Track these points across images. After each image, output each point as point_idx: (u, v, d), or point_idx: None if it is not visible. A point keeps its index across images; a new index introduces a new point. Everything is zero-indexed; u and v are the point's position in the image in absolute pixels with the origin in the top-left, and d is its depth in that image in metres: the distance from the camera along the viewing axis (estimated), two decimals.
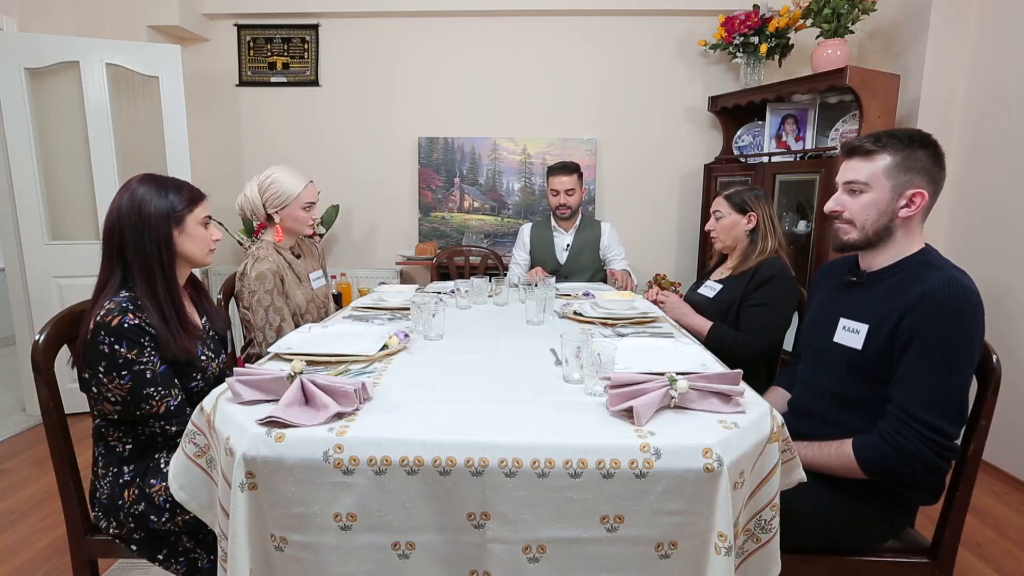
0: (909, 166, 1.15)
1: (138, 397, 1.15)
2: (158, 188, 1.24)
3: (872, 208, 1.18)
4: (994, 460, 2.40)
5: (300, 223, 1.86)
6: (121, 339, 1.12)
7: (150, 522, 1.18)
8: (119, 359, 1.12)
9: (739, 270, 1.83)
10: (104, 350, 1.12)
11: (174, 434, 1.20)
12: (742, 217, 1.83)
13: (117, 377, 1.13)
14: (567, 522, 0.89)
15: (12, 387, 3.29)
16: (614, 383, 1.00)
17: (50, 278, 2.80)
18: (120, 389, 1.14)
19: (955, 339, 1.06)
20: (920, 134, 1.18)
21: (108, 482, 1.21)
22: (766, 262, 1.76)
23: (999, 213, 2.38)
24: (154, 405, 1.16)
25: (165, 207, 1.23)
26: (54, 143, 2.81)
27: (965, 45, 2.55)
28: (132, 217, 1.20)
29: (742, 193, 1.85)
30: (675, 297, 1.93)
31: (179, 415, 1.20)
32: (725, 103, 3.16)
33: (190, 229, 1.27)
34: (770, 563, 1.00)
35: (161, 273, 1.22)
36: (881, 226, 1.18)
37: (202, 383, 1.28)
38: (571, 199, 2.59)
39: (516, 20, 3.40)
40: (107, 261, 1.22)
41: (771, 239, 1.81)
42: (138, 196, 1.21)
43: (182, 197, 1.26)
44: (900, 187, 1.15)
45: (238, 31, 3.44)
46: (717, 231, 1.90)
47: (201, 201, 1.30)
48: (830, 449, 1.16)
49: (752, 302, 1.75)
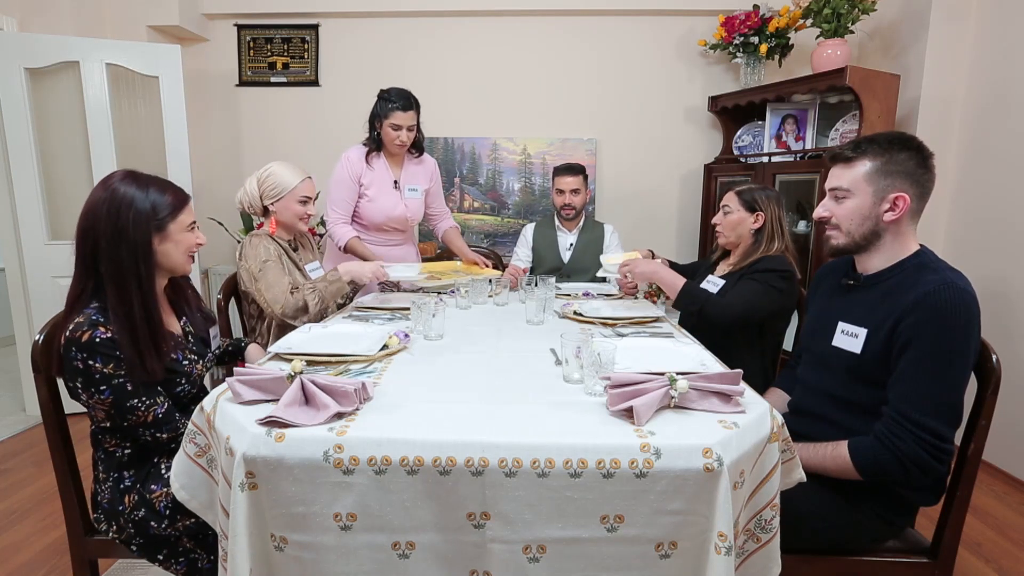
0: (889, 170, 1.16)
1: (123, 410, 1.11)
2: (140, 189, 1.14)
3: (856, 214, 1.19)
4: (994, 460, 2.40)
5: (295, 216, 1.87)
6: (95, 354, 1.06)
7: (150, 528, 1.17)
8: (95, 375, 1.07)
9: (740, 267, 1.81)
10: (79, 366, 1.06)
11: (166, 441, 1.18)
12: (750, 215, 1.82)
13: (97, 392, 1.09)
14: (567, 522, 0.89)
15: (12, 387, 3.29)
16: (614, 383, 1.00)
17: (50, 278, 2.80)
18: (102, 404, 1.10)
19: (951, 342, 1.06)
20: (901, 137, 1.18)
21: (109, 487, 1.20)
22: (771, 256, 1.74)
23: (999, 213, 2.38)
24: (140, 415, 1.13)
25: (146, 212, 1.13)
26: (54, 143, 2.81)
27: (965, 45, 2.55)
28: (109, 224, 1.10)
29: (754, 191, 1.83)
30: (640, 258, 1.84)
31: (168, 422, 1.17)
32: (725, 103, 3.16)
33: (173, 237, 1.18)
34: (770, 563, 1.00)
35: (137, 287, 1.12)
36: (867, 230, 1.19)
37: (188, 386, 1.26)
38: (576, 199, 2.62)
39: (516, 20, 3.40)
40: (80, 267, 1.13)
41: (778, 241, 1.79)
42: (117, 198, 1.12)
43: (165, 202, 1.16)
44: (882, 191, 1.16)
45: (238, 31, 3.44)
46: (723, 226, 1.88)
47: (185, 206, 1.21)
48: (826, 450, 1.16)
49: (749, 277, 1.72)
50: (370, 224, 2.35)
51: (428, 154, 2.48)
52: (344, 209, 2.28)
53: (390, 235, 2.42)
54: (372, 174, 2.29)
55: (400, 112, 2.18)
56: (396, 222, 2.38)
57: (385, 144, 2.27)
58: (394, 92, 2.21)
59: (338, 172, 2.27)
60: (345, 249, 2.27)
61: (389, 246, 2.42)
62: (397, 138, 2.22)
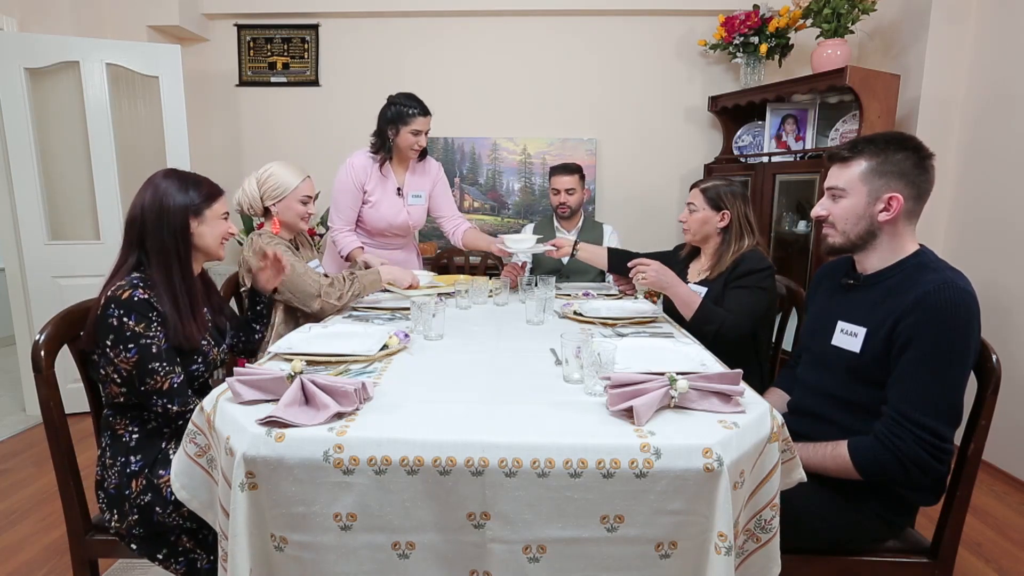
0: (884, 170, 1.16)
1: (143, 372, 1.17)
2: (180, 182, 1.30)
3: (851, 213, 1.20)
4: (994, 460, 2.40)
5: (297, 216, 1.87)
6: (130, 312, 1.16)
7: (155, 514, 1.18)
8: (127, 331, 1.15)
9: (716, 272, 1.80)
10: (113, 323, 1.15)
11: (175, 415, 1.22)
12: (715, 214, 1.81)
13: (124, 351, 1.16)
14: (567, 522, 0.89)
15: (12, 387, 3.29)
16: (614, 383, 1.00)
17: (50, 278, 2.80)
18: (126, 363, 1.16)
19: (951, 341, 1.06)
20: (899, 137, 1.18)
21: (116, 472, 1.21)
22: (746, 255, 1.74)
23: (999, 213, 2.38)
24: (158, 380, 1.18)
25: (184, 200, 1.29)
26: (54, 143, 2.81)
27: (965, 45, 2.55)
28: (153, 209, 1.26)
29: (718, 188, 1.82)
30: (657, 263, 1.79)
31: (180, 394, 1.22)
32: (725, 103, 3.16)
33: (208, 222, 1.32)
34: (770, 563, 1.00)
35: (178, 263, 1.27)
36: (862, 230, 1.20)
37: (203, 367, 1.32)
38: (571, 198, 2.63)
39: (516, 20, 3.40)
40: (126, 248, 1.28)
41: (747, 238, 1.78)
42: (161, 189, 1.27)
43: (201, 192, 1.32)
44: (876, 191, 1.16)
45: (238, 31, 3.44)
46: (689, 223, 1.87)
47: (220, 196, 1.36)
48: (826, 450, 1.16)
49: (737, 284, 1.71)
50: (372, 229, 2.35)
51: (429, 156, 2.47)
52: (348, 216, 2.28)
53: (390, 239, 2.42)
54: (376, 181, 2.29)
55: (421, 117, 2.18)
56: (398, 228, 2.38)
57: (400, 150, 2.25)
58: (408, 97, 2.20)
59: (342, 179, 2.26)
60: (347, 259, 2.27)
61: (390, 250, 2.42)
62: (416, 143, 2.22)
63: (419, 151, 2.27)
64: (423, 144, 2.25)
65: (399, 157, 2.31)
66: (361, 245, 2.29)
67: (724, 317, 1.67)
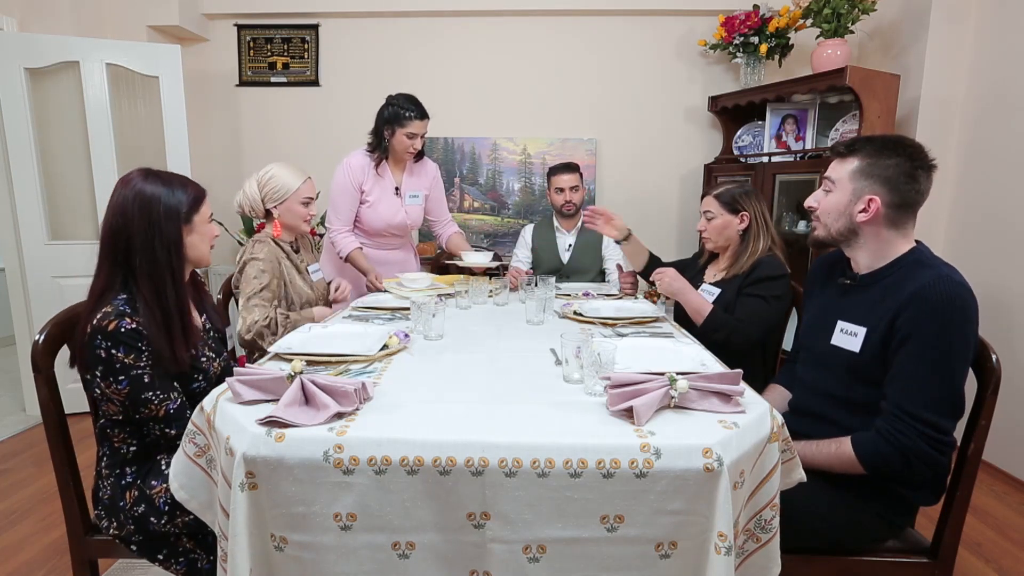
0: (871, 172, 1.17)
1: (137, 401, 1.13)
2: (164, 186, 1.18)
3: (834, 208, 1.22)
4: (994, 460, 2.40)
5: (298, 218, 1.87)
6: (118, 344, 1.10)
7: (150, 524, 1.18)
8: (116, 364, 1.10)
9: (732, 272, 1.80)
10: (101, 355, 1.10)
11: (174, 437, 1.18)
12: (734, 217, 1.80)
13: (115, 382, 1.11)
14: (567, 522, 0.89)
15: (12, 387, 3.29)
16: (614, 383, 1.00)
17: (50, 278, 2.80)
18: (118, 394, 1.12)
19: (949, 335, 1.06)
20: (897, 142, 1.17)
21: (110, 483, 1.21)
22: (763, 261, 1.74)
23: (999, 213, 2.38)
24: (152, 408, 1.15)
25: (175, 207, 1.17)
26: (54, 143, 2.81)
27: (965, 45, 2.55)
28: (142, 220, 1.14)
29: (732, 192, 1.81)
30: (672, 271, 1.81)
31: (179, 418, 1.18)
32: (725, 103, 3.16)
33: (198, 228, 1.23)
34: (770, 563, 1.00)
35: (171, 279, 1.17)
36: (842, 227, 1.21)
37: (204, 383, 1.28)
38: (575, 196, 2.65)
39: (516, 20, 3.40)
40: (109, 264, 1.16)
41: (764, 238, 1.78)
42: (146, 195, 1.15)
43: (188, 195, 1.21)
44: (859, 191, 1.18)
45: (238, 31, 3.44)
46: (709, 232, 1.85)
47: (205, 198, 1.27)
48: (829, 448, 1.16)
49: (750, 292, 1.71)
50: (370, 230, 2.35)
51: (427, 156, 2.47)
52: (346, 217, 2.28)
53: (388, 239, 2.42)
54: (374, 181, 2.29)
55: (417, 121, 2.18)
56: (395, 228, 2.38)
57: (396, 151, 2.26)
58: (407, 99, 2.20)
59: (339, 179, 2.26)
60: (346, 259, 2.27)
61: (388, 250, 2.42)
62: (411, 146, 2.22)
63: (414, 153, 2.27)
64: (418, 147, 2.25)
65: (395, 158, 2.31)
66: (360, 246, 2.29)
67: (734, 326, 1.68)
